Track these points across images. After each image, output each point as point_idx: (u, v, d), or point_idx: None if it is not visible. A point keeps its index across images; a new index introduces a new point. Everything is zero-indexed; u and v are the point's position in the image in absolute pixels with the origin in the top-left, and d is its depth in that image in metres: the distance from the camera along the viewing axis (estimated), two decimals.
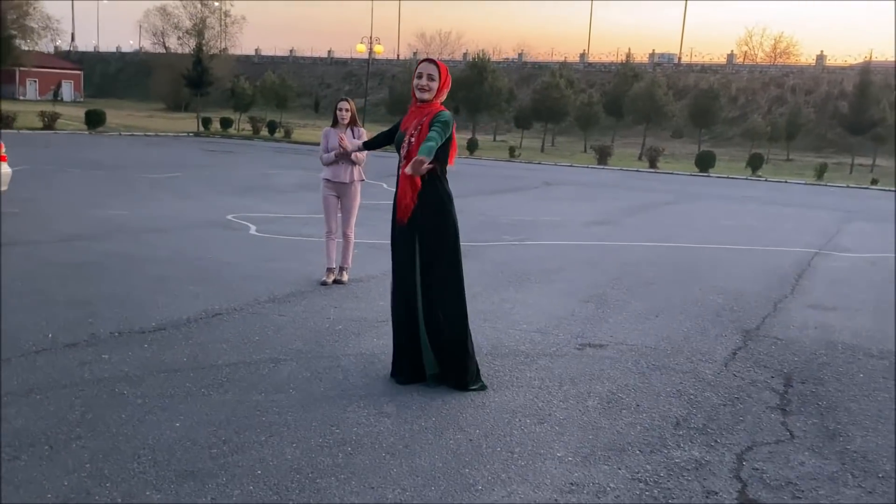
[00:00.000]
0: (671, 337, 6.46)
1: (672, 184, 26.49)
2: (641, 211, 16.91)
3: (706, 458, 4.08)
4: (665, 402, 4.89)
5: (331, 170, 7.61)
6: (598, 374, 5.38)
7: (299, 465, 3.68)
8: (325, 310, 6.64)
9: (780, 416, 4.78)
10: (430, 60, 4.92)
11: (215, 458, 3.71)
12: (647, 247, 11.54)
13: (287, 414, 4.30)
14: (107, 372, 4.80)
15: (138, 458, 3.65)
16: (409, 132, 4.85)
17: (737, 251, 11.54)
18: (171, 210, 12.52)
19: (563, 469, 3.85)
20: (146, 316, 6.11)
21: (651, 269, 9.58)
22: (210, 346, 5.44)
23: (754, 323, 7.12)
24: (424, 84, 4.79)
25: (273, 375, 4.92)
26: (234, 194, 15.31)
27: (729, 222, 15.50)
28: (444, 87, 4.88)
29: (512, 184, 22.51)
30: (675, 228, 13.98)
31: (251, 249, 9.41)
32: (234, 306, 6.56)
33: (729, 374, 5.57)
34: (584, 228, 13.22)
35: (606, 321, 6.88)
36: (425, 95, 4.81)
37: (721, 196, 22.24)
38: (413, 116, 4.89)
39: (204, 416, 4.20)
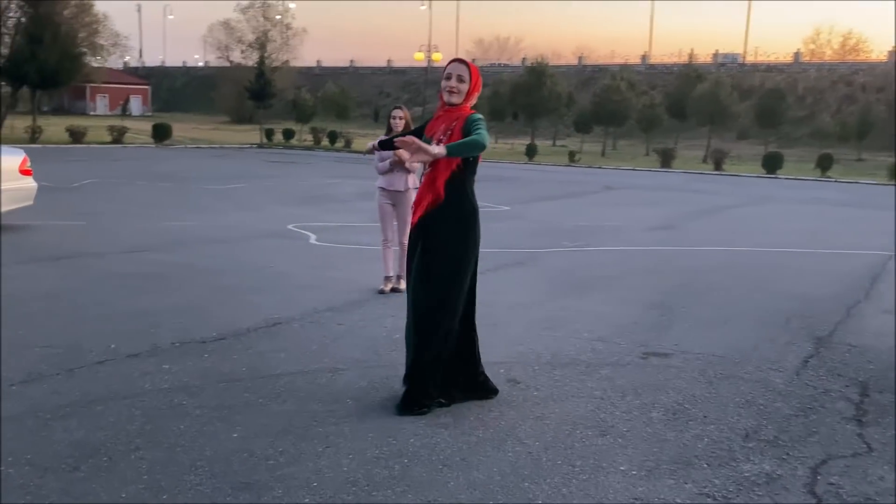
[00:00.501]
0: (739, 345, 6.24)
1: (738, 186, 25.90)
2: (706, 215, 16.53)
3: (778, 472, 3.90)
4: (734, 413, 4.71)
5: (386, 178, 7.58)
6: (663, 384, 5.21)
7: (355, 477, 3.63)
8: (382, 318, 6.60)
9: (857, 428, 4.56)
10: (461, 60, 4.53)
11: (272, 469, 3.68)
12: (712, 252, 11.26)
13: (344, 424, 4.25)
14: (167, 382, 4.82)
15: (195, 470, 3.64)
16: (436, 137, 4.46)
17: (806, 255, 11.18)
18: (233, 220, 12.69)
19: (626, 483, 3.71)
20: (206, 326, 6.15)
21: (716, 274, 9.32)
22: (269, 355, 5.44)
23: (826, 329, 6.84)
24: (454, 86, 4.41)
25: (331, 385, 4.88)
26: (294, 204, 15.46)
27: (798, 225, 15.05)
28: (475, 91, 4.53)
29: (571, 189, 22.27)
30: (742, 232, 13.62)
31: (310, 259, 9.46)
32: (292, 315, 6.56)
33: (801, 383, 5.35)
34: (646, 233, 12.97)
35: (671, 329, 6.69)
36: (454, 98, 4.43)
37: (789, 198, 21.64)
38: (441, 121, 4.50)
39: (262, 426, 4.18)
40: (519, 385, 5.06)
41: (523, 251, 10.47)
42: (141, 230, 11.20)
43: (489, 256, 9.74)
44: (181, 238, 10.64)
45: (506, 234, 12.06)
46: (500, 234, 12.02)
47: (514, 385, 5.06)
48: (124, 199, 15.25)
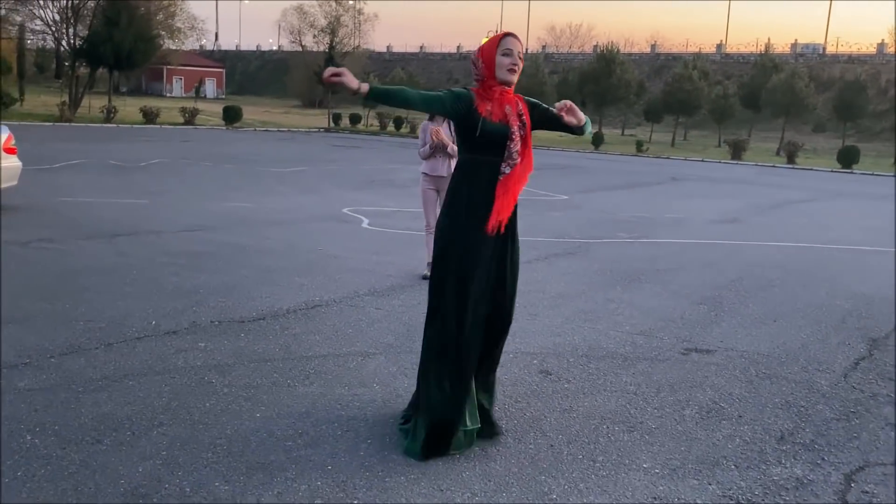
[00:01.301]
0: (787, 344, 6.03)
1: (811, 180, 25.11)
2: (773, 209, 16.05)
3: (809, 477, 3.75)
4: (771, 414, 4.55)
5: (429, 164, 7.55)
6: (701, 381, 5.07)
7: (371, 463, 3.61)
8: (421, 304, 6.55)
9: None
10: (515, 35, 3.89)
11: (289, 451, 3.69)
12: (775, 247, 10.92)
13: (367, 409, 4.25)
14: (200, 360, 4.89)
15: (214, 448, 3.67)
16: (514, 124, 3.80)
17: (874, 253, 10.75)
18: (291, 203, 12.82)
19: (647, 481, 3.62)
20: (248, 306, 6.22)
21: (775, 270, 9.03)
22: (304, 337, 5.47)
23: (883, 331, 6.56)
24: (518, 64, 3.83)
25: (360, 369, 4.88)
26: (353, 188, 15.56)
27: (868, 222, 14.49)
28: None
29: (636, 179, 21.88)
30: (809, 228, 13.18)
31: (360, 243, 9.49)
32: (333, 298, 6.59)
33: (848, 385, 5.14)
34: (707, 226, 12.65)
35: (718, 325, 6.50)
36: (515, 78, 3.85)
37: (863, 194, 20.87)
38: (500, 104, 3.82)
39: (285, 407, 4.20)
40: (550, 377, 4.98)
41: (576, 241, 10.32)
42: (200, 210, 11.40)
43: (540, 245, 9.66)
44: (238, 218, 10.80)
45: (560, 224, 11.93)
46: (555, 223, 11.90)
47: (545, 376, 4.98)
48: (189, 179, 15.56)
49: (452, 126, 7.41)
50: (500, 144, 3.78)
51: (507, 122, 3.79)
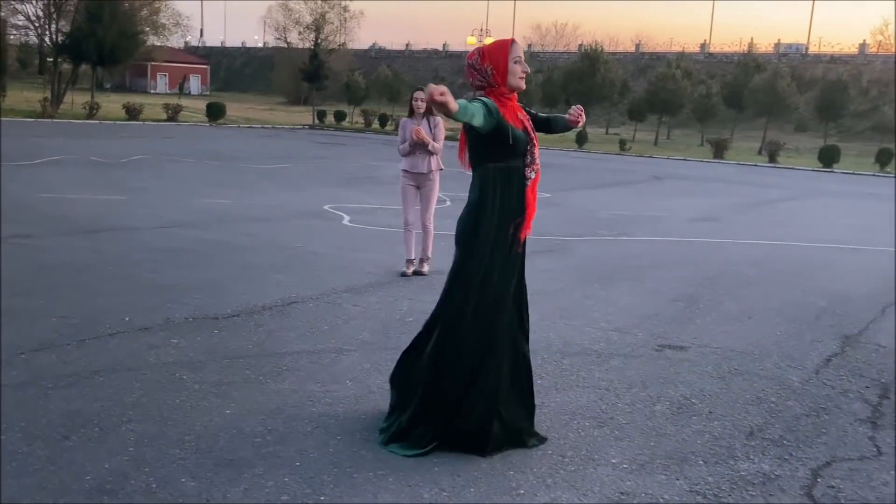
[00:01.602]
0: (761, 341, 6.07)
1: (791, 179, 25.27)
2: (754, 207, 16.14)
3: (776, 473, 3.78)
4: (741, 410, 4.58)
5: (409, 160, 7.55)
6: (673, 377, 5.10)
7: (339, 459, 3.61)
8: (399, 301, 6.58)
9: (869, 430, 4.40)
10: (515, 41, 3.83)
11: (257, 447, 3.69)
12: (753, 245, 10.98)
13: (339, 405, 4.24)
14: (172, 357, 4.87)
15: (182, 445, 3.66)
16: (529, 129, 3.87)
17: (851, 251, 10.84)
18: (273, 200, 12.79)
19: (615, 476, 3.63)
20: (223, 303, 6.20)
21: (753, 268, 9.09)
22: (278, 333, 5.47)
23: (857, 328, 6.62)
24: (527, 70, 3.82)
25: (333, 366, 4.88)
26: (336, 185, 15.53)
27: (848, 221, 14.60)
28: None
29: (618, 177, 21.96)
30: (788, 226, 13.26)
31: (340, 240, 9.48)
32: (310, 295, 6.59)
33: (819, 382, 5.18)
34: (687, 225, 12.71)
35: (693, 322, 6.54)
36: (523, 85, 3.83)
37: (843, 193, 21.03)
38: (513, 111, 3.79)
39: (256, 404, 4.20)
40: None
41: (556, 239, 10.34)
42: (180, 206, 11.36)
43: None
44: (218, 215, 10.76)
45: (541, 222, 11.90)
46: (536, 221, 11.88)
47: None
48: (169, 176, 15.49)
49: (431, 122, 7.45)
50: (523, 151, 3.83)
51: (526, 129, 3.83)
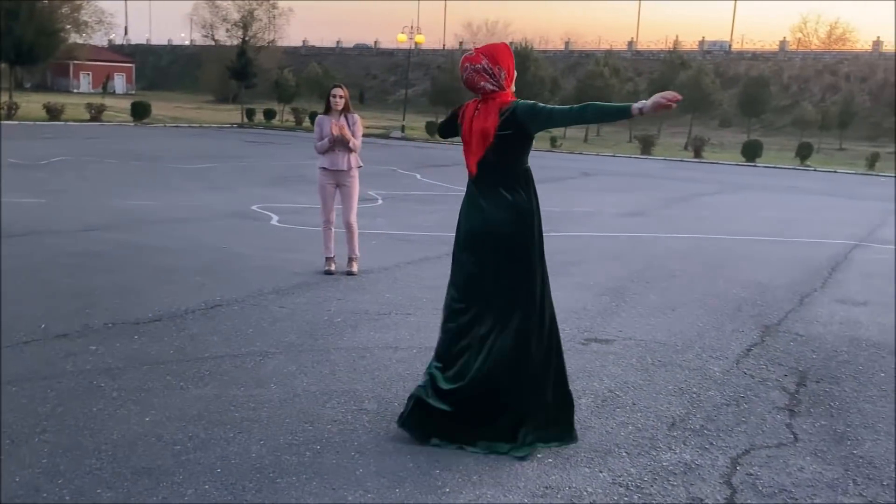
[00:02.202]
0: (684, 332, 6.20)
1: (716, 174, 25.89)
2: (680, 202, 16.49)
3: (697, 462, 3.85)
4: (664, 402, 4.66)
5: (328, 158, 7.48)
6: (599, 370, 5.16)
7: (262, 464, 3.55)
8: (327, 302, 6.52)
9: (787, 418, 4.52)
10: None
11: (177, 455, 3.60)
12: (679, 239, 11.21)
13: (262, 410, 4.17)
14: (90, 364, 4.73)
15: (98, 454, 3.55)
16: None
17: (773, 243, 11.15)
18: (198, 201, 12.54)
19: (539, 471, 3.65)
20: (144, 307, 6.05)
21: (678, 261, 9.27)
22: (201, 338, 5.35)
23: (776, 318, 6.81)
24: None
25: (257, 369, 4.80)
26: (264, 185, 15.32)
27: (770, 213, 15.02)
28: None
29: (548, 174, 22.12)
30: (713, 220, 13.58)
31: (268, 240, 9.35)
32: (235, 297, 6.47)
33: (739, 371, 5.31)
34: (615, 220, 12.91)
35: (618, 315, 6.63)
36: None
37: (765, 186, 21.64)
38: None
39: (176, 410, 4.10)
40: None
41: None
42: (101, 208, 11.05)
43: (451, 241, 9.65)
44: (142, 217, 10.50)
45: None
46: None
47: None
48: (91, 177, 15.06)
49: (349, 119, 7.40)
50: None
51: None
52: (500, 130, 3.82)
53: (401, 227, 10.85)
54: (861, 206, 17.49)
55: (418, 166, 21.56)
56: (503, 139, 3.85)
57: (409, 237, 10.05)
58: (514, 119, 3.82)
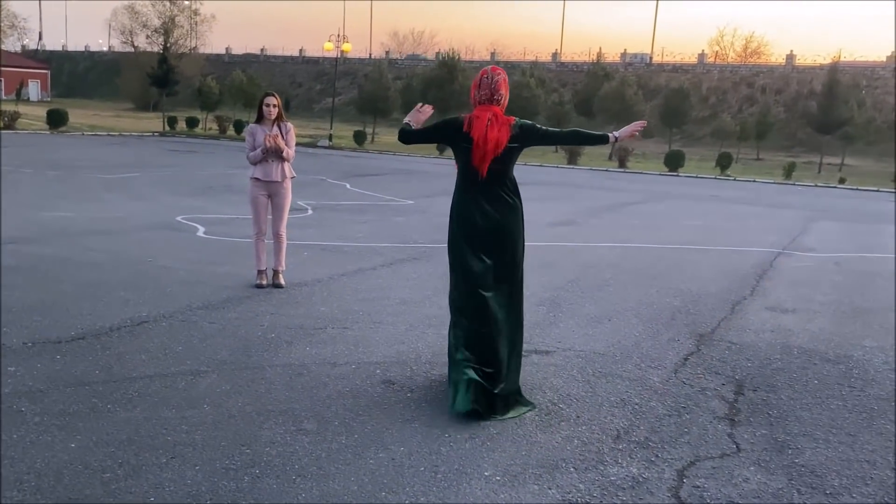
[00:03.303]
0: (622, 342, 6.21)
1: (640, 183, 26.36)
2: (607, 211, 16.70)
3: (644, 476, 3.82)
4: (607, 413, 4.63)
5: (261, 168, 7.30)
6: (541, 383, 5.11)
7: (198, 491, 3.37)
8: (259, 317, 6.32)
9: (728, 427, 4.54)
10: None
11: (106, 483, 3.39)
12: (609, 248, 11.32)
13: (196, 433, 3.98)
14: (8, 386, 4.45)
15: (20, 486, 3.32)
16: None
17: (699, 252, 11.35)
18: (120, 211, 12.12)
19: (487, 490, 3.57)
20: (66, 324, 5.75)
21: (609, 270, 9.34)
22: (128, 357, 5.11)
23: (710, 326, 6.89)
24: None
25: (189, 389, 4.59)
26: (189, 195, 14.90)
27: (694, 222, 15.33)
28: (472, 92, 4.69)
29: None
30: (640, 229, 13.77)
31: (195, 252, 9.06)
32: (163, 313, 6.22)
33: (678, 381, 5.33)
34: (545, 229, 12.96)
35: (557, 326, 6.61)
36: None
37: (688, 195, 22.11)
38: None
39: (104, 435, 3.88)
40: (394, 386, 4.87)
41: (420, 246, 10.29)
42: (16, 221, 10.54)
43: (384, 251, 9.57)
44: (59, 229, 10.07)
45: (405, 229, 11.89)
46: (400, 229, 11.85)
47: (388, 386, 4.87)
48: (7, 188, 14.38)
49: (282, 129, 7.24)
50: None
51: None
52: (510, 143, 4.52)
53: (333, 237, 10.67)
54: (781, 214, 18.01)
55: (348, 176, 21.33)
56: (510, 151, 4.55)
57: (342, 248, 9.88)
58: (521, 134, 4.56)
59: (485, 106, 4.55)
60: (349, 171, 23.62)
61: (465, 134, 4.50)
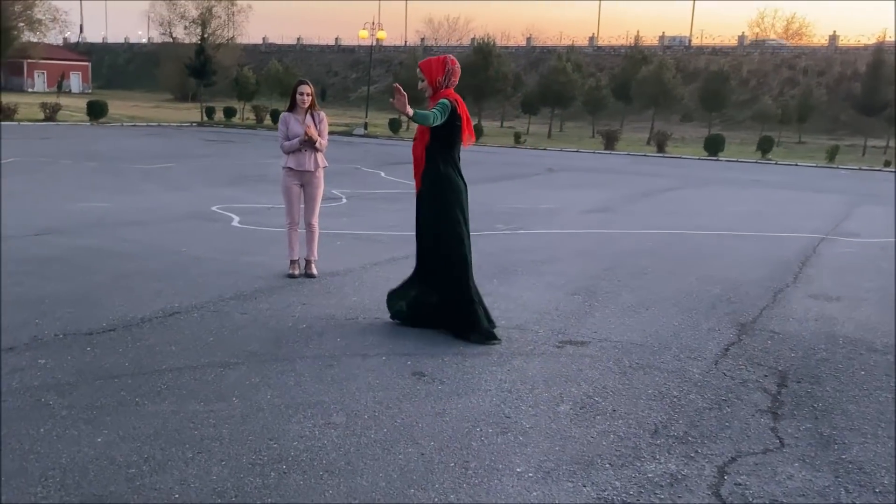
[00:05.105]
0: (659, 332, 6.05)
1: (679, 168, 25.95)
2: (645, 197, 16.43)
3: (683, 472, 3.68)
4: (645, 407, 4.49)
5: (294, 158, 7.23)
6: (576, 375, 4.98)
7: (224, 487, 3.31)
8: (291, 307, 6.26)
9: (771, 421, 4.37)
10: (419, 65, 5.68)
11: (131, 479, 3.34)
12: (647, 235, 11.10)
13: (223, 426, 3.92)
14: (38, 379, 4.43)
15: (45, 481, 3.28)
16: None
17: (740, 238, 11.09)
18: (156, 202, 12.18)
19: (520, 487, 3.46)
20: (98, 316, 5.74)
21: (647, 258, 9.15)
22: (158, 348, 5.07)
23: (751, 315, 6.69)
24: (421, 87, 5.64)
25: (218, 382, 4.54)
26: (225, 185, 14.95)
27: (735, 208, 15.01)
28: (437, 76, 5.52)
29: (514, 171, 22.04)
30: (678, 215, 13.51)
31: (229, 242, 9.05)
32: (194, 304, 6.19)
33: (718, 373, 5.16)
34: (582, 216, 12.78)
35: (592, 315, 6.47)
36: (427, 94, 5.63)
37: (729, 181, 21.71)
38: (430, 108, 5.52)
39: (131, 429, 3.83)
40: (424, 378, 4.78)
41: None
42: (54, 211, 10.65)
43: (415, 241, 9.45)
44: (95, 220, 10.13)
45: None
46: None
47: (419, 378, 4.77)
48: (44, 179, 14.58)
49: (315, 118, 7.17)
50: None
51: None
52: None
53: (366, 226, 10.60)
54: (824, 199, 17.58)
55: (382, 164, 21.28)
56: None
57: (375, 237, 9.81)
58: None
59: (452, 90, 5.53)
60: (384, 159, 23.55)
61: (459, 114, 5.48)
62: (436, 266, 5.63)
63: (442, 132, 5.45)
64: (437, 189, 5.58)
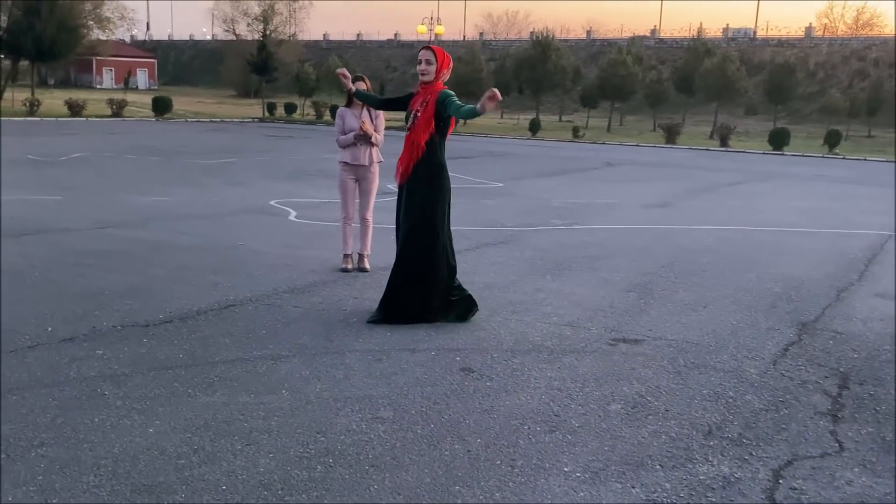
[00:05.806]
0: (717, 331, 5.91)
1: (743, 163, 25.39)
2: (706, 192, 16.11)
3: (736, 475, 3.58)
4: (699, 407, 4.39)
5: (349, 152, 7.26)
6: (628, 373, 4.89)
7: (270, 480, 3.33)
8: (343, 301, 6.29)
9: (830, 424, 4.23)
10: (427, 47, 5.68)
11: (180, 469, 3.38)
12: (706, 231, 10.87)
13: (272, 419, 3.95)
14: (95, 370, 4.53)
15: (97, 470, 3.35)
16: (415, 109, 5.68)
17: (804, 234, 10.80)
18: (216, 196, 12.38)
19: (567, 486, 3.40)
20: (155, 308, 5.85)
21: (706, 255, 8.96)
22: (212, 340, 5.14)
23: (813, 314, 6.50)
24: (423, 69, 5.62)
25: (269, 374, 4.58)
26: (284, 179, 15.13)
27: (799, 203, 14.61)
28: (443, 68, 5.63)
29: (571, 165, 21.84)
30: (740, 211, 13.21)
31: (285, 236, 9.15)
32: (249, 297, 6.26)
33: (777, 373, 5.02)
34: (639, 211, 12.59)
35: (647, 313, 6.35)
36: (426, 78, 5.63)
37: (794, 175, 21.16)
38: (419, 97, 5.71)
39: (182, 420, 3.88)
40: (472, 374, 4.75)
41: (508, 230, 10.12)
42: (116, 205, 10.90)
43: (471, 235, 9.44)
44: (157, 214, 10.34)
45: (493, 212, 11.73)
46: (488, 212, 11.70)
47: (467, 374, 4.74)
48: (109, 173, 14.96)
49: (371, 113, 7.19)
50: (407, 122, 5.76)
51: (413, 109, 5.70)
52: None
53: None
54: (893, 194, 16.99)
55: None
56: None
57: None
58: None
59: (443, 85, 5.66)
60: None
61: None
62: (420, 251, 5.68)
63: (442, 125, 5.63)
64: (437, 178, 5.70)
